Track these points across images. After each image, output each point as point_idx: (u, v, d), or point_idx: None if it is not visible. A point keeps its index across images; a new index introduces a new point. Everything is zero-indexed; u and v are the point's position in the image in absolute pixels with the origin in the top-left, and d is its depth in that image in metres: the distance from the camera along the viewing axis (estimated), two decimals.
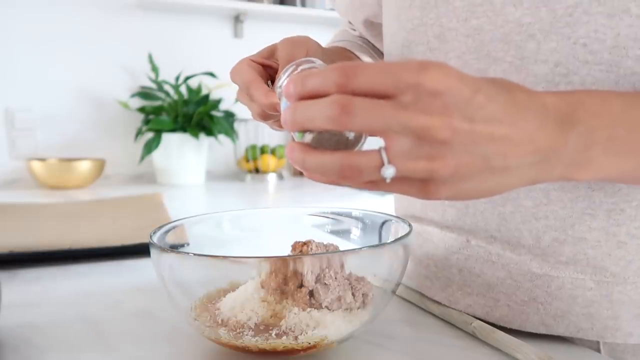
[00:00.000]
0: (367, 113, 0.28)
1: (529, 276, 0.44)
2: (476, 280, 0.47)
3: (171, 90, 1.70)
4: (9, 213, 0.93)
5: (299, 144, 0.32)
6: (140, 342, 0.43)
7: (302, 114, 0.30)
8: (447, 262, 0.49)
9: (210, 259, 0.37)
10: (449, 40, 0.45)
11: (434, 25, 0.46)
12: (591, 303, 0.42)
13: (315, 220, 0.54)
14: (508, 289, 0.45)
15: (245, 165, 1.79)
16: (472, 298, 0.47)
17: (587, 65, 0.38)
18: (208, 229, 0.50)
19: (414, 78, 0.28)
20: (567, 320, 0.43)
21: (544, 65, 0.40)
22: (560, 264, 0.42)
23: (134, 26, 1.74)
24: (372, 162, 0.29)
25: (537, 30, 0.40)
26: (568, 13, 0.38)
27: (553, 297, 0.43)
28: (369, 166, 0.29)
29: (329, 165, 0.30)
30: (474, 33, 0.43)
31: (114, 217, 0.91)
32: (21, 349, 0.42)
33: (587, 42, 0.38)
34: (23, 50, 1.62)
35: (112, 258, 0.70)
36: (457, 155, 0.29)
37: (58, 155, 1.65)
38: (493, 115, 0.29)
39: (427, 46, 0.47)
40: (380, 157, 0.29)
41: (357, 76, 0.29)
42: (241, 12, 1.79)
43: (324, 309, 0.37)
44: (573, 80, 0.39)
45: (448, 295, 0.49)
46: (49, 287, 0.58)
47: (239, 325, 0.37)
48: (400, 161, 0.29)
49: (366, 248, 0.39)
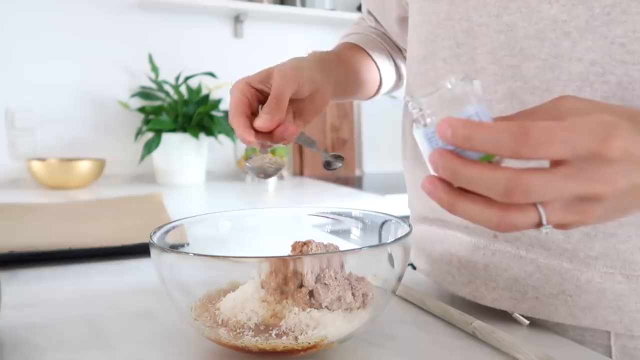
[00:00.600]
0: (543, 190, 0.28)
1: (558, 270, 0.44)
2: (502, 274, 0.47)
3: (171, 90, 1.70)
4: (9, 213, 0.93)
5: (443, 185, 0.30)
6: (140, 342, 0.43)
7: (467, 181, 0.29)
8: (472, 257, 0.49)
9: (210, 259, 0.37)
10: (478, 36, 0.45)
11: (462, 19, 0.46)
12: (620, 296, 0.42)
13: (315, 220, 0.54)
14: (536, 283, 0.45)
15: (245, 165, 1.79)
16: (498, 292, 0.48)
17: (625, 65, 0.38)
18: (208, 229, 0.50)
19: (597, 146, 0.27)
20: (596, 313, 0.43)
21: (579, 64, 0.40)
22: (590, 259, 0.43)
23: (134, 26, 1.74)
24: (529, 219, 0.29)
25: (572, 28, 0.40)
26: (605, 12, 0.38)
27: (582, 290, 0.43)
28: (526, 223, 0.29)
29: (485, 217, 0.30)
30: (507, 29, 0.43)
31: (114, 217, 0.91)
32: (21, 349, 0.42)
33: (625, 41, 0.38)
34: (23, 50, 1.62)
35: (112, 258, 0.70)
36: (607, 207, 0.29)
37: (58, 155, 1.65)
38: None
39: (454, 41, 0.47)
40: (538, 216, 0.29)
41: (537, 145, 0.27)
42: (241, 12, 1.79)
43: (324, 309, 0.37)
44: (609, 79, 0.39)
45: (472, 290, 0.50)
46: (49, 287, 0.58)
47: (239, 326, 0.37)
48: (557, 217, 0.29)
49: (366, 248, 0.39)
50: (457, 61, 0.48)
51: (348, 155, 2.01)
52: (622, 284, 0.42)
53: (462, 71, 0.47)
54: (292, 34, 1.96)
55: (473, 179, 0.28)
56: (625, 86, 0.38)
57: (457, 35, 0.47)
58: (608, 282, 0.42)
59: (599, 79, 0.39)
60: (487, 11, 0.44)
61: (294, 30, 1.97)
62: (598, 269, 0.42)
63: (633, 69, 0.38)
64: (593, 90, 0.40)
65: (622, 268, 0.42)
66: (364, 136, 2.05)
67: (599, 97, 0.39)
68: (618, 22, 0.38)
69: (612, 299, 0.43)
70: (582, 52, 0.40)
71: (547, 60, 0.41)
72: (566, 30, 0.40)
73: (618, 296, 0.42)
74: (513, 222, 0.29)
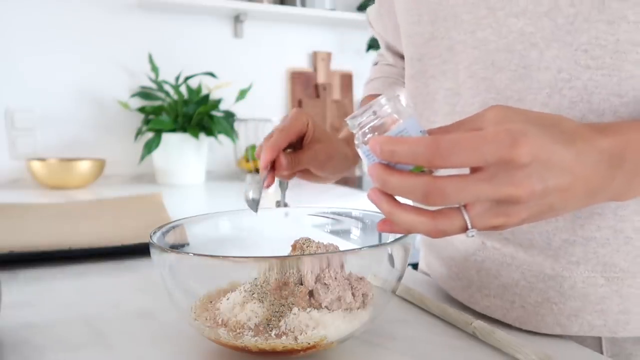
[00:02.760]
0: (457, 194, 0.30)
1: (542, 277, 0.45)
2: (493, 282, 0.48)
3: (171, 90, 1.70)
4: (9, 213, 0.93)
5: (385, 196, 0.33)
6: (140, 342, 0.43)
7: (393, 189, 0.32)
8: (466, 263, 0.50)
9: (210, 259, 0.37)
10: (458, 53, 0.47)
11: (444, 38, 0.48)
12: (603, 299, 0.43)
13: (315, 220, 0.54)
14: (522, 291, 0.46)
15: (245, 165, 1.79)
16: (490, 300, 0.48)
17: (589, 70, 0.40)
18: (208, 229, 0.50)
19: (505, 153, 0.29)
20: (581, 319, 0.44)
21: (547, 72, 0.41)
22: (572, 264, 0.43)
23: (134, 26, 1.74)
24: (456, 224, 0.32)
25: (539, 39, 0.41)
26: (569, 22, 0.40)
27: (566, 296, 0.44)
28: (453, 228, 0.32)
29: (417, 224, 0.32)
30: (480, 44, 0.45)
31: (114, 217, 0.91)
32: (21, 348, 0.42)
33: (589, 48, 0.39)
34: (23, 50, 1.62)
35: (112, 258, 0.70)
36: (529, 209, 0.32)
37: (58, 155, 1.65)
38: (562, 171, 0.31)
39: (440, 59, 0.49)
40: (463, 221, 0.32)
41: (447, 155, 0.30)
42: (241, 12, 1.79)
43: (324, 309, 0.37)
44: (576, 85, 0.40)
45: (468, 297, 0.51)
46: (49, 287, 0.58)
47: (239, 326, 0.37)
48: (481, 221, 0.32)
49: (366, 248, 0.39)
50: (444, 77, 0.49)
51: None
52: (604, 287, 0.43)
53: (449, 87, 0.49)
54: (292, 34, 1.96)
55: (397, 185, 0.31)
56: (591, 90, 0.40)
57: (442, 54, 0.49)
58: (590, 286, 0.43)
59: (567, 85, 0.41)
60: (463, 29, 0.46)
61: (294, 30, 1.97)
62: (580, 274, 0.43)
63: (597, 73, 0.40)
64: (562, 96, 0.41)
65: (602, 271, 0.43)
66: None
67: (568, 102, 0.41)
68: (582, 30, 0.39)
69: (595, 303, 0.43)
70: (549, 61, 0.41)
71: (517, 70, 0.43)
72: (533, 41, 0.42)
73: (601, 299, 0.43)
74: (441, 228, 0.32)
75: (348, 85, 2.06)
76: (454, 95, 0.48)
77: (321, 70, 2.01)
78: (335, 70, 2.04)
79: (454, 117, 0.48)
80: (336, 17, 1.90)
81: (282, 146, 0.53)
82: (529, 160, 0.29)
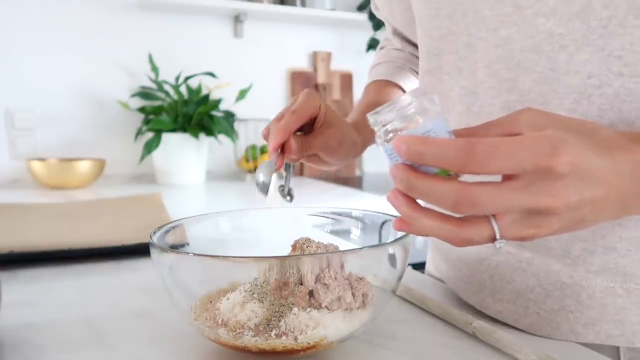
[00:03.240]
0: (490, 202, 0.28)
1: (559, 285, 0.44)
2: (506, 287, 0.47)
3: (171, 90, 1.70)
4: (9, 213, 0.93)
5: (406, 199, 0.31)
6: (140, 342, 0.43)
7: (420, 193, 0.30)
8: (479, 267, 0.49)
9: (210, 259, 0.37)
10: (477, 50, 0.45)
11: (462, 34, 0.47)
12: (621, 310, 0.42)
13: (315, 220, 0.54)
14: (538, 297, 0.45)
15: (245, 165, 1.79)
16: (502, 305, 0.47)
17: (622, 78, 0.38)
18: (208, 229, 0.50)
19: (544, 162, 0.28)
20: (598, 328, 0.43)
21: (576, 77, 0.40)
22: (591, 274, 0.42)
23: (134, 26, 1.74)
24: (483, 234, 0.30)
25: (569, 41, 0.40)
26: (602, 25, 0.38)
27: (584, 305, 0.43)
28: (480, 238, 0.30)
29: (441, 232, 0.31)
30: (503, 43, 0.43)
31: (114, 217, 0.91)
32: (21, 348, 0.42)
33: (623, 54, 0.38)
34: (23, 50, 1.62)
35: (112, 258, 0.70)
36: (561, 221, 0.30)
37: (58, 155, 1.65)
38: (597, 182, 0.30)
39: (456, 55, 0.48)
40: (492, 230, 0.30)
41: (485, 161, 0.28)
42: (241, 12, 1.79)
43: (324, 309, 0.37)
44: (607, 92, 0.39)
45: (480, 300, 0.50)
46: (49, 287, 0.58)
47: (239, 326, 0.37)
48: (511, 231, 0.30)
49: (366, 248, 0.39)
50: (460, 75, 0.48)
51: None
52: (622, 297, 0.42)
53: (464, 85, 0.47)
54: (292, 34, 1.96)
55: (425, 190, 0.29)
56: (622, 98, 0.39)
57: (459, 50, 0.47)
58: (609, 296, 0.42)
59: (597, 92, 0.39)
60: (484, 25, 0.44)
61: (294, 30, 1.97)
62: (599, 284, 0.42)
63: (630, 81, 0.38)
64: (590, 103, 0.40)
65: (622, 282, 0.42)
66: None
67: (597, 109, 0.39)
68: (616, 35, 0.38)
69: (614, 313, 0.42)
70: (579, 65, 0.40)
71: (544, 73, 0.41)
72: (562, 43, 0.40)
73: (619, 310, 0.42)
74: (467, 237, 0.30)
75: (348, 85, 2.06)
76: (470, 94, 0.47)
77: (321, 70, 2.01)
78: (335, 70, 2.04)
79: (469, 117, 0.47)
80: (336, 17, 1.90)
81: (293, 129, 0.50)
82: (568, 171, 0.28)
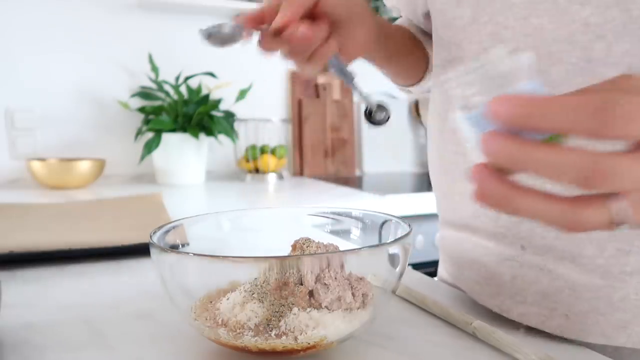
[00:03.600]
0: (627, 176, 0.23)
1: (590, 286, 0.42)
2: (529, 288, 0.45)
3: (171, 90, 1.70)
4: (9, 213, 0.93)
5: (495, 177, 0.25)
6: (140, 342, 0.43)
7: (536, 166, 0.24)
8: (499, 269, 0.47)
9: (210, 259, 0.37)
10: (504, 40, 0.43)
11: (488, 23, 0.44)
12: None
13: (315, 220, 0.54)
14: (566, 299, 0.43)
15: (245, 165, 1.79)
16: (526, 307, 0.46)
17: None
18: (208, 229, 0.50)
19: None
20: (630, 331, 0.42)
21: (615, 69, 0.38)
22: (625, 275, 0.41)
23: (134, 26, 1.74)
24: (604, 217, 0.25)
25: (607, 31, 0.38)
26: None
27: (615, 308, 0.41)
28: (600, 222, 0.25)
29: (548, 214, 0.25)
30: (535, 32, 0.41)
31: (114, 217, 0.91)
32: (21, 348, 0.42)
33: None
34: (23, 50, 1.62)
35: (111, 258, 0.70)
36: None
37: (58, 155, 1.65)
38: None
39: (480, 45, 0.46)
40: (609, 214, 0.25)
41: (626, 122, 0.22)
42: (241, 12, 1.79)
43: (324, 309, 0.37)
44: None
45: (499, 303, 0.48)
46: (49, 287, 0.58)
47: (239, 326, 0.37)
48: (629, 215, 0.25)
49: (366, 248, 0.39)
50: None
51: (348, 155, 2.01)
52: None
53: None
54: None
55: (540, 162, 0.23)
56: None
57: (484, 40, 0.45)
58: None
59: None
60: (513, 14, 0.42)
61: None
62: (633, 285, 0.40)
63: None
64: None
65: None
66: (364, 136, 2.05)
67: None
68: None
69: None
70: (617, 57, 0.37)
71: (578, 64, 0.39)
72: (599, 33, 0.38)
73: None
74: (583, 220, 0.25)
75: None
76: None
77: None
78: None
79: None
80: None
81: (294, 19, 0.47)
82: None
